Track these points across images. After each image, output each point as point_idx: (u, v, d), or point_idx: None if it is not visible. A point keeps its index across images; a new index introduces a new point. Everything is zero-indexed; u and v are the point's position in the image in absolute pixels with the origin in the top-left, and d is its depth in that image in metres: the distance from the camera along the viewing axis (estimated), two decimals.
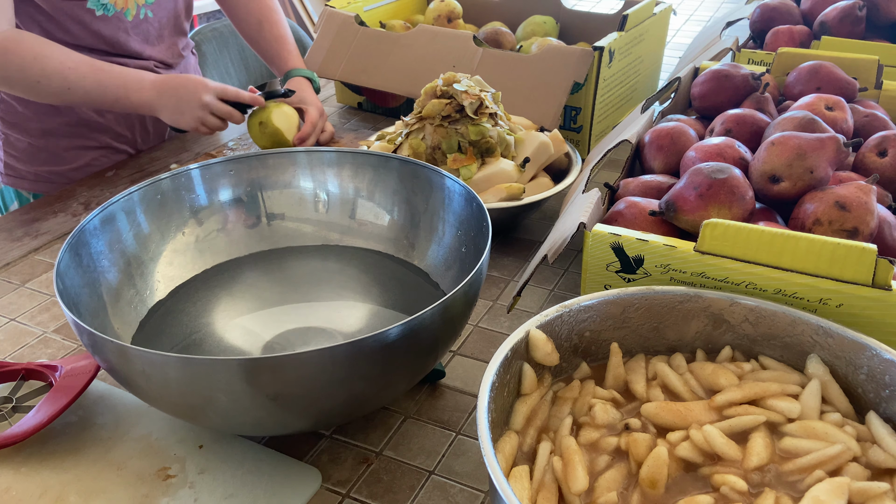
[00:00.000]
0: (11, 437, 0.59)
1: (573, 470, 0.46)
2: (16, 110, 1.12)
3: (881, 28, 1.12)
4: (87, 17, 1.04)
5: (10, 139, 1.14)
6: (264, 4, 1.23)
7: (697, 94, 0.87)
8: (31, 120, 1.12)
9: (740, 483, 0.45)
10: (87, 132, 1.15)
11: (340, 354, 0.49)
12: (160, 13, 1.13)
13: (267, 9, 1.23)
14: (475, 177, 0.86)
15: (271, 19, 1.22)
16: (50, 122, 1.12)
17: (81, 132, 1.14)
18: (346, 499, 0.58)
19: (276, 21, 1.22)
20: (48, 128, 1.13)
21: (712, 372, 0.53)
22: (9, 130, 1.14)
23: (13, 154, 1.16)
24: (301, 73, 1.17)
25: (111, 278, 0.67)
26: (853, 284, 0.54)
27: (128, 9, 1.07)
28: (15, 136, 1.14)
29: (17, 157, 1.16)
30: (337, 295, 0.75)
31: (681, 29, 1.82)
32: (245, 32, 1.24)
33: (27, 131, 1.13)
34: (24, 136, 1.14)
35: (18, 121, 1.13)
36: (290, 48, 1.21)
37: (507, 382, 0.51)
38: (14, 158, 1.16)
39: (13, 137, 1.14)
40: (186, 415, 0.56)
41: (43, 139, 1.14)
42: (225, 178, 0.76)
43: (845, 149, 0.64)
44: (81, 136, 1.15)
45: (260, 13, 1.22)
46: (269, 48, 1.21)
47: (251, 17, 1.22)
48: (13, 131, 1.14)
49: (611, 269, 0.63)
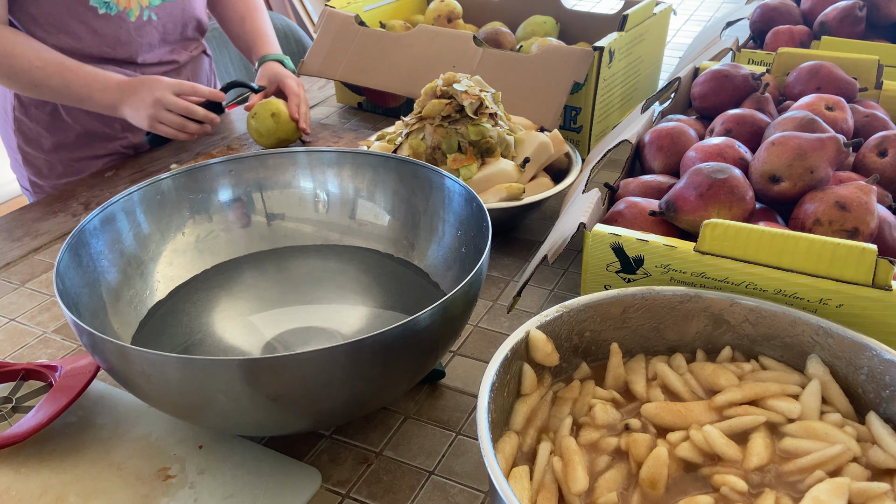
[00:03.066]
0: (11, 437, 0.59)
1: (573, 470, 0.46)
2: (30, 127, 1.15)
3: (881, 28, 1.12)
4: (89, 14, 1.05)
5: (29, 157, 1.18)
6: (249, 3, 1.28)
7: (697, 94, 0.87)
8: (42, 136, 1.16)
9: (740, 483, 0.45)
10: (97, 142, 1.17)
11: (340, 354, 0.49)
12: (165, 18, 1.13)
13: (252, 7, 1.28)
14: (475, 177, 0.86)
15: (253, 16, 1.27)
16: (60, 136, 1.16)
17: (90, 143, 1.17)
18: (346, 499, 0.58)
19: (257, 17, 1.27)
20: (59, 141, 1.16)
21: (712, 372, 0.53)
22: (28, 148, 1.17)
23: (34, 171, 1.20)
24: (273, 56, 1.21)
25: (111, 278, 0.67)
26: (853, 285, 0.54)
27: (130, 9, 1.08)
28: (33, 153, 1.18)
29: (38, 173, 1.20)
30: (337, 295, 0.75)
31: (681, 29, 1.82)
32: (229, 29, 1.29)
33: (41, 147, 1.17)
34: (40, 152, 1.17)
35: (33, 137, 1.17)
36: (267, 39, 1.26)
37: (507, 383, 0.51)
38: (36, 175, 1.20)
39: (31, 155, 1.18)
40: (186, 415, 0.56)
41: (56, 153, 1.17)
42: (225, 178, 0.76)
43: (845, 149, 0.64)
44: (90, 147, 1.17)
45: (245, 10, 1.27)
46: (248, 39, 1.26)
47: (236, 15, 1.27)
48: (31, 148, 1.17)
49: (611, 269, 0.63)
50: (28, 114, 1.14)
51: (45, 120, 1.14)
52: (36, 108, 1.13)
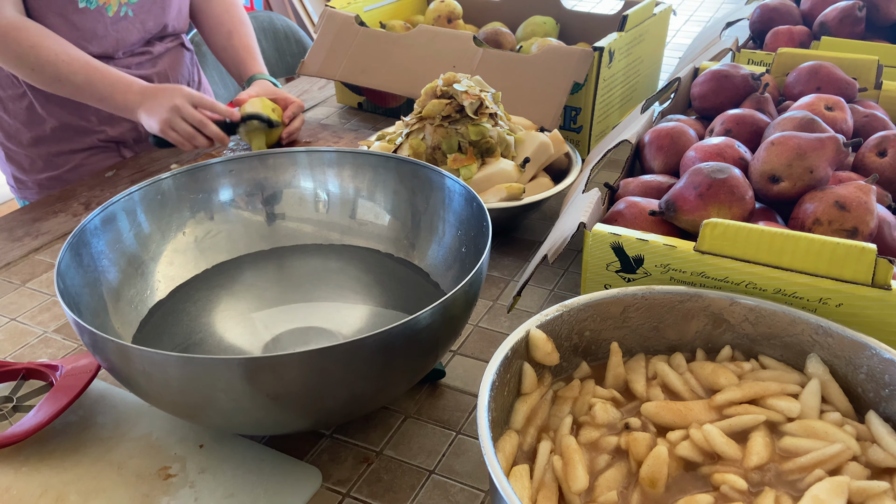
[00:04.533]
0: (12, 436, 0.59)
1: (573, 469, 0.46)
2: (9, 123, 1.17)
3: (881, 28, 1.12)
4: (69, 8, 1.06)
5: (11, 153, 1.20)
6: (236, 18, 1.27)
7: (697, 95, 0.87)
8: (20, 131, 1.17)
9: (740, 482, 0.45)
10: (74, 135, 1.18)
11: (340, 354, 0.49)
12: (143, 16, 1.14)
13: (238, 22, 1.27)
14: (475, 177, 0.86)
15: (241, 31, 1.27)
16: (37, 131, 1.17)
17: (67, 136, 1.18)
18: (346, 498, 0.58)
19: (245, 33, 1.27)
20: (37, 136, 1.17)
21: (712, 371, 0.53)
22: (9, 144, 1.19)
23: (17, 167, 1.20)
24: (263, 77, 1.21)
25: (112, 278, 0.67)
26: (853, 284, 0.54)
27: (109, 4, 1.09)
28: (14, 148, 1.19)
29: (20, 168, 1.21)
30: (337, 295, 0.75)
31: (681, 29, 1.82)
32: (214, 41, 1.28)
33: (21, 143, 1.18)
34: (20, 147, 1.18)
35: (13, 133, 1.18)
36: (257, 57, 1.25)
37: (508, 382, 0.51)
38: (18, 170, 1.21)
39: (13, 151, 1.19)
40: (187, 414, 0.56)
41: (35, 148, 1.18)
42: (225, 177, 0.77)
43: (845, 149, 0.64)
44: (68, 140, 1.18)
45: (231, 24, 1.26)
46: (237, 55, 1.25)
47: (223, 28, 1.26)
48: (11, 143, 1.18)
49: (611, 268, 0.63)
50: (6, 109, 1.15)
51: (22, 114, 1.15)
52: (13, 103, 1.14)
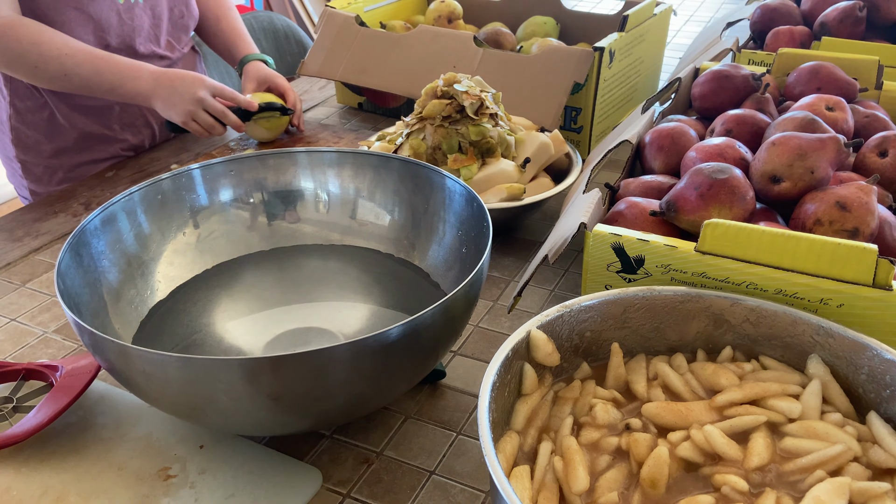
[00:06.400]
0: (12, 437, 0.59)
1: (574, 470, 0.46)
2: (28, 134, 1.15)
3: (881, 29, 1.12)
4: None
5: (28, 165, 1.18)
6: (222, 4, 1.29)
7: (698, 95, 0.87)
8: (41, 142, 1.16)
9: (741, 483, 0.45)
10: (96, 145, 1.17)
11: (341, 354, 0.49)
12: (152, 2, 1.14)
13: (226, 7, 1.29)
14: (476, 177, 0.86)
15: (228, 15, 1.29)
16: (59, 141, 1.16)
17: (90, 146, 1.17)
18: (346, 499, 0.58)
19: (232, 17, 1.29)
20: (59, 146, 1.16)
21: (713, 372, 0.53)
22: (25, 156, 1.17)
23: (33, 179, 1.19)
24: (256, 56, 1.22)
25: (112, 278, 0.67)
26: (854, 284, 0.54)
27: None
28: (32, 161, 1.17)
29: (37, 181, 1.19)
30: (337, 295, 0.75)
31: (681, 29, 1.82)
32: (205, 29, 1.29)
33: (41, 154, 1.16)
34: (39, 158, 1.17)
35: (32, 144, 1.16)
36: (246, 39, 1.27)
37: (508, 382, 0.51)
38: (35, 183, 1.20)
39: (30, 163, 1.18)
40: (187, 415, 0.56)
41: (56, 159, 1.17)
42: (225, 178, 0.77)
43: (846, 149, 0.64)
44: (90, 150, 1.17)
45: (217, 10, 1.28)
46: (227, 39, 1.27)
47: (210, 14, 1.28)
48: (29, 156, 1.17)
49: (611, 269, 0.63)
50: (25, 121, 1.14)
51: (42, 125, 1.14)
52: (32, 115, 1.13)
